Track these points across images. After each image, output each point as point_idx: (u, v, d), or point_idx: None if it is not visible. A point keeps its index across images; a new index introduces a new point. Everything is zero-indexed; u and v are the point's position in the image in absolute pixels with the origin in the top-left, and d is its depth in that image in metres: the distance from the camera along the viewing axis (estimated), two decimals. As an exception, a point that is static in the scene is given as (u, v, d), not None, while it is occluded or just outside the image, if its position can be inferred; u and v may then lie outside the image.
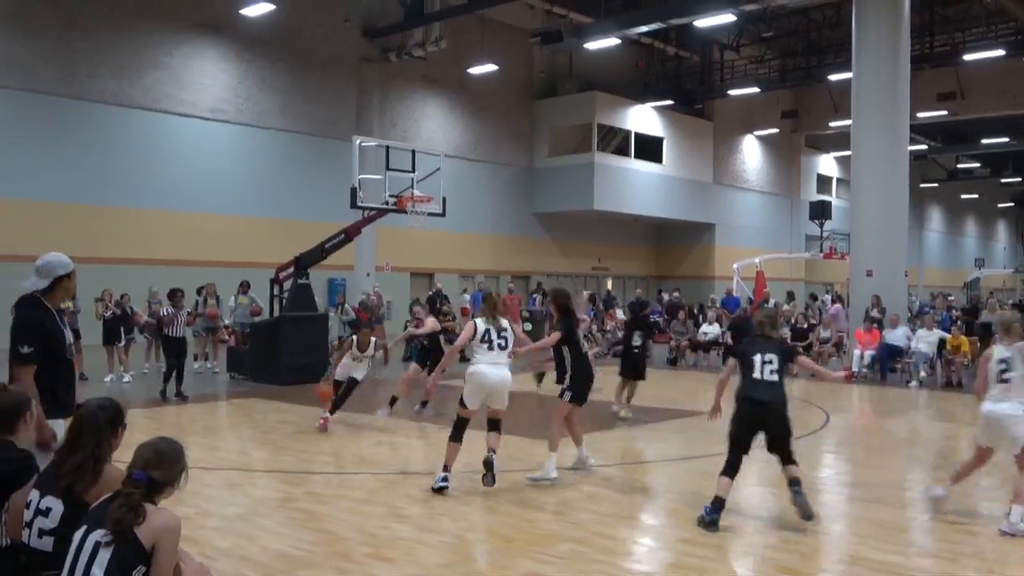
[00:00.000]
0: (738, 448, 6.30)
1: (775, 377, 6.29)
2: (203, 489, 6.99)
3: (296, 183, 24.38)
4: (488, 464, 6.96)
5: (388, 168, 15.72)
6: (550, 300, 8.27)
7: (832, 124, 35.60)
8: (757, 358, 6.33)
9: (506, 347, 7.09)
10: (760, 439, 6.30)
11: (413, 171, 15.94)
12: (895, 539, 6.08)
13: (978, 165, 49.82)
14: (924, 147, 40.54)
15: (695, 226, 35.68)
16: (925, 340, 16.15)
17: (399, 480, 7.72)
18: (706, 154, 35.63)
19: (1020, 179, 51.07)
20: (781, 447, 6.28)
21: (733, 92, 32.93)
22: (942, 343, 16.13)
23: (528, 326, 18.67)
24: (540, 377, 12.36)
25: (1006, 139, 39.96)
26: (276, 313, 15.92)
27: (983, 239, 59.94)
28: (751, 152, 38.81)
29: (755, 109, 36.88)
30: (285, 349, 14.57)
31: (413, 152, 16.34)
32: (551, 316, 8.44)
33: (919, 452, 10.12)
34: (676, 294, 24.30)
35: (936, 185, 50.59)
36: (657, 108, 32.99)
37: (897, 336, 16.59)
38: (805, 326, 18.56)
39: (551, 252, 32.60)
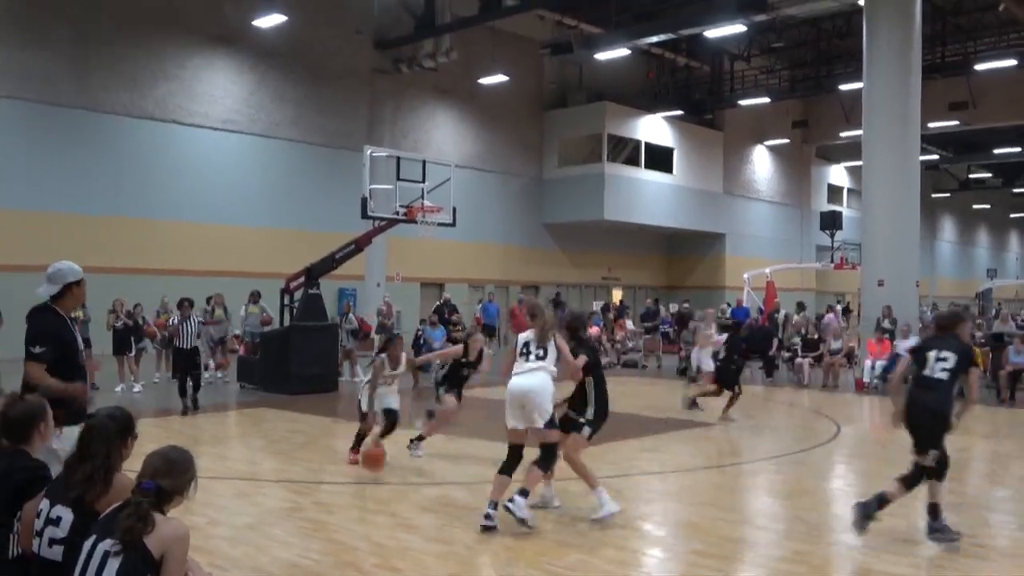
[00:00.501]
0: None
1: (943, 376, 6.09)
2: (213, 499, 6.99)
3: (308, 194, 24.47)
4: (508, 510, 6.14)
5: (399, 178, 15.78)
6: (563, 327, 6.84)
7: (843, 134, 35.52)
8: (932, 354, 6.19)
9: (545, 356, 6.40)
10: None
11: (423, 181, 15.98)
12: (906, 551, 6.04)
13: (990, 175, 49.61)
14: (935, 157, 40.36)
15: (706, 236, 35.64)
16: (936, 351, 16.01)
17: (408, 490, 7.72)
18: (716, 164, 35.61)
19: (1032, 189, 50.88)
20: (917, 451, 6.11)
21: (743, 102, 32.88)
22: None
23: None
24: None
25: (1018, 148, 39.77)
26: (287, 323, 15.97)
27: (995, 249, 59.67)
28: (761, 162, 38.76)
29: (765, 119, 36.84)
30: (295, 359, 14.61)
31: (423, 162, 16.38)
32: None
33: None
34: (686, 304, 24.24)
35: (948, 195, 50.37)
36: (667, 118, 33.00)
37: (908, 346, 16.47)
38: (816, 337, 18.48)
39: (561, 262, 32.60)
